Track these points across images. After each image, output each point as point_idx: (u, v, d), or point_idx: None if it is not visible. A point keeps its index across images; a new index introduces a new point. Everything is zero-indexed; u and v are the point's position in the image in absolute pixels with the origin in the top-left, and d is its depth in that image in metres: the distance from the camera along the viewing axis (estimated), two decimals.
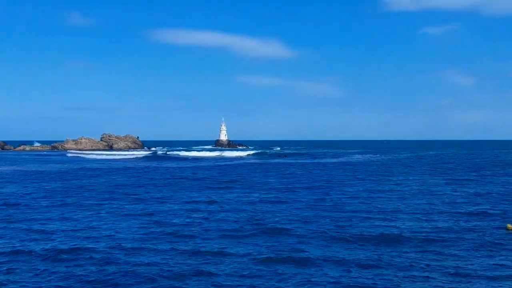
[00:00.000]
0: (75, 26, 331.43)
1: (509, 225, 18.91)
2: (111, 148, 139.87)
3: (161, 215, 22.48)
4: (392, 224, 19.93)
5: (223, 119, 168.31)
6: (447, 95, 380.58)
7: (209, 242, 16.64)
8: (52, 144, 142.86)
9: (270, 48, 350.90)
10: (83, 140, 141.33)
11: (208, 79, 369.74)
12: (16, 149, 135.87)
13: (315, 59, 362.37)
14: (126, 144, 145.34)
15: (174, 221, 20.72)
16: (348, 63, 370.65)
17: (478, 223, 20.13)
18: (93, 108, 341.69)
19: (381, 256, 14.70)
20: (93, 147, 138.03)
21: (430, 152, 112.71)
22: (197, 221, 20.74)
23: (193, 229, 18.96)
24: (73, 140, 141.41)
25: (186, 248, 15.80)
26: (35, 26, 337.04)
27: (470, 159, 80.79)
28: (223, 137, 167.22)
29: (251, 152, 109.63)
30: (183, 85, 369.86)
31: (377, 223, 20.17)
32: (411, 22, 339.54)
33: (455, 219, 21.09)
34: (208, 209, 24.27)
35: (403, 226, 19.37)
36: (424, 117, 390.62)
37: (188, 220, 21.02)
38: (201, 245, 16.27)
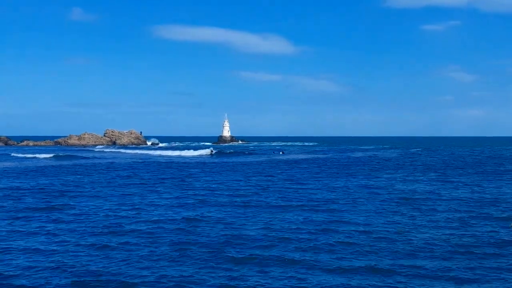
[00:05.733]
0: (77, 22, 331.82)
1: None
2: (114, 143, 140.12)
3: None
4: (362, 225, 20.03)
5: (226, 115, 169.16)
6: (447, 92, 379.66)
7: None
8: (55, 140, 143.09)
9: (272, 44, 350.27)
10: (86, 136, 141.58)
11: (210, 75, 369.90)
12: (19, 144, 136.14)
13: (317, 56, 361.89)
14: (129, 139, 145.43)
15: None
16: (349, 60, 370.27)
17: (481, 221, 20.24)
18: (97, 104, 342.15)
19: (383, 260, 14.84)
20: (97, 143, 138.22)
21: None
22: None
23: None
24: (77, 136, 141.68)
25: None
26: (37, 22, 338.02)
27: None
28: (226, 133, 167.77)
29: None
30: (185, 81, 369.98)
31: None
32: (411, 19, 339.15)
33: (455, 219, 21.15)
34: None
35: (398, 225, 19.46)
36: (424, 114, 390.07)
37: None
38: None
